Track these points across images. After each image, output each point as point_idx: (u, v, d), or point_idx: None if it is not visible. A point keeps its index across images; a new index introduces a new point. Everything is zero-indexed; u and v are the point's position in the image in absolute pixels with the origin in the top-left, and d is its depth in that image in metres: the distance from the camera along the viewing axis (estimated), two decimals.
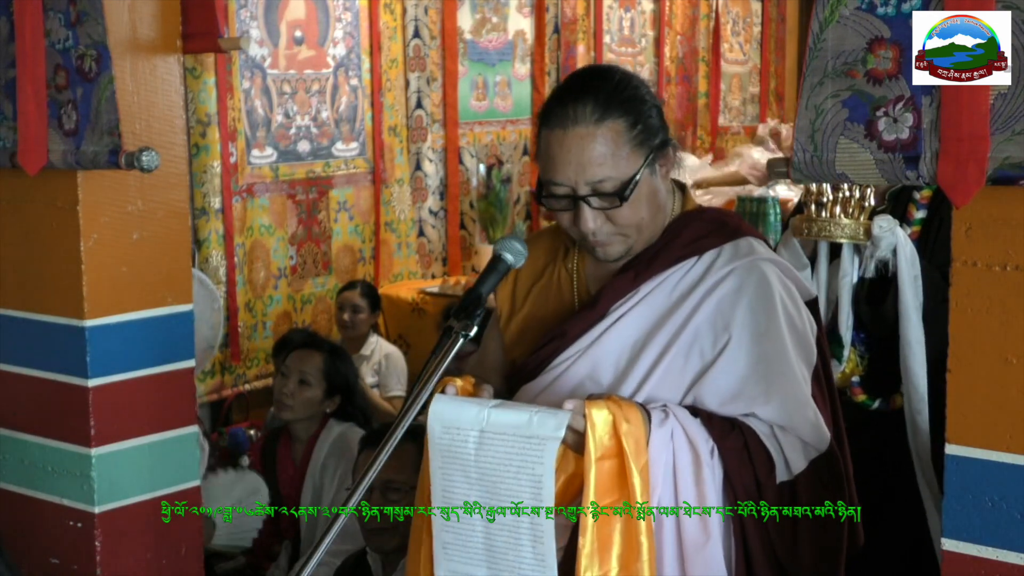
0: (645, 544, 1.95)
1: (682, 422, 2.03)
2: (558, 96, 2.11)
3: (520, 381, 2.20)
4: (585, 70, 2.24)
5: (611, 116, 2.05)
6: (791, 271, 2.19)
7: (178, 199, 2.97)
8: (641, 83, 2.14)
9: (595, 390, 2.10)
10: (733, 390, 2.07)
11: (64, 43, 2.75)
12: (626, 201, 2.05)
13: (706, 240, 2.15)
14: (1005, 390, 1.90)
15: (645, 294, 2.13)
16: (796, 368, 2.10)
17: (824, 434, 2.12)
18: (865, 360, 2.94)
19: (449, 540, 2.00)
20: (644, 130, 2.08)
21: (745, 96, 9.03)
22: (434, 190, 6.58)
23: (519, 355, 2.25)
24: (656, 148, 2.10)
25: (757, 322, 2.08)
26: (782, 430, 2.08)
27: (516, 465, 1.91)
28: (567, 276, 2.25)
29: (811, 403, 2.11)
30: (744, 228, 2.20)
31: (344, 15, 5.96)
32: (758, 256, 2.13)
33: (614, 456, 1.96)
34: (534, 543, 1.92)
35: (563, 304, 2.23)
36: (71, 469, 2.88)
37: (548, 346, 2.17)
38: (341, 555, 3.40)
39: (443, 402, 1.97)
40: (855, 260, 2.84)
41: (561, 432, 1.89)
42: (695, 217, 2.20)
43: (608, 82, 2.10)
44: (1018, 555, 1.91)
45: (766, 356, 2.07)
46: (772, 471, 2.07)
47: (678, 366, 2.09)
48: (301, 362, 4.16)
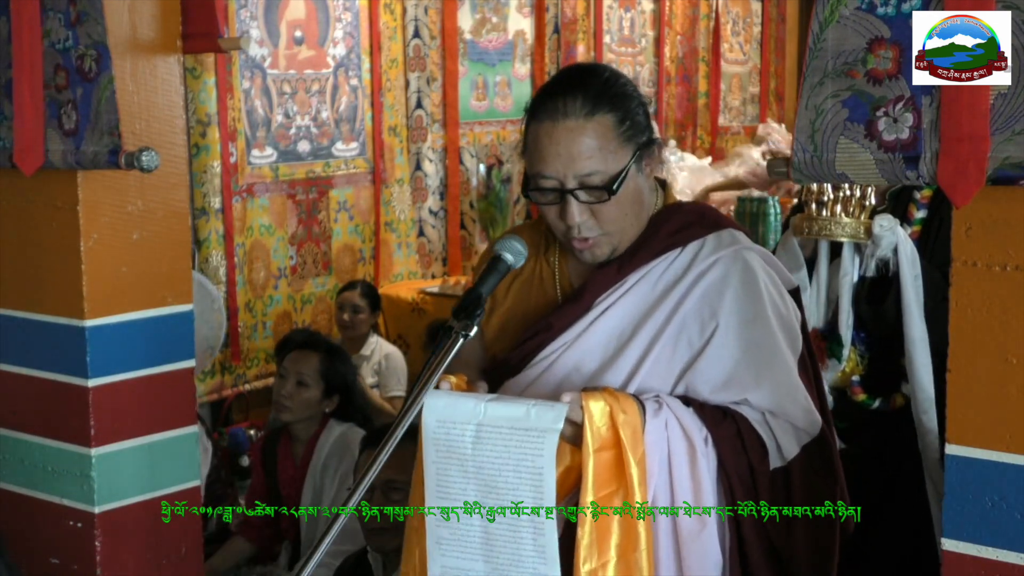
0: (643, 534, 1.97)
1: (676, 412, 2.05)
2: (547, 90, 2.12)
3: (503, 375, 2.19)
4: (573, 67, 2.27)
5: (600, 111, 2.06)
6: (772, 259, 2.22)
7: (178, 199, 2.97)
8: (629, 81, 2.17)
9: (582, 383, 2.11)
10: (724, 377, 2.09)
11: (64, 43, 2.75)
12: (614, 195, 2.06)
13: (689, 231, 2.17)
14: (1005, 390, 1.90)
15: (630, 285, 2.15)
16: (785, 354, 2.13)
17: (815, 418, 2.15)
18: (865, 359, 2.94)
19: (445, 535, 1.99)
20: (632, 126, 2.10)
21: (745, 96, 9.03)
22: (434, 190, 6.59)
23: (500, 350, 2.25)
24: (643, 145, 2.12)
25: (744, 310, 2.10)
26: (773, 416, 2.11)
27: (515, 459, 1.92)
28: (548, 270, 2.25)
29: (801, 388, 2.13)
30: (724, 220, 2.23)
31: (344, 15, 5.96)
32: (741, 245, 2.16)
33: (612, 447, 1.97)
34: (535, 535, 1.92)
35: (546, 298, 2.24)
36: (71, 469, 2.88)
37: (533, 340, 2.17)
38: (341, 556, 3.40)
39: (438, 397, 1.97)
40: (855, 259, 2.84)
41: (560, 424, 1.90)
42: (676, 210, 2.23)
43: (597, 78, 2.11)
44: (1018, 555, 1.91)
45: (755, 342, 2.10)
46: (765, 457, 2.09)
47: (666, 356, 2.11)
48: (298, 363, 4.15)
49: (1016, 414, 1.90)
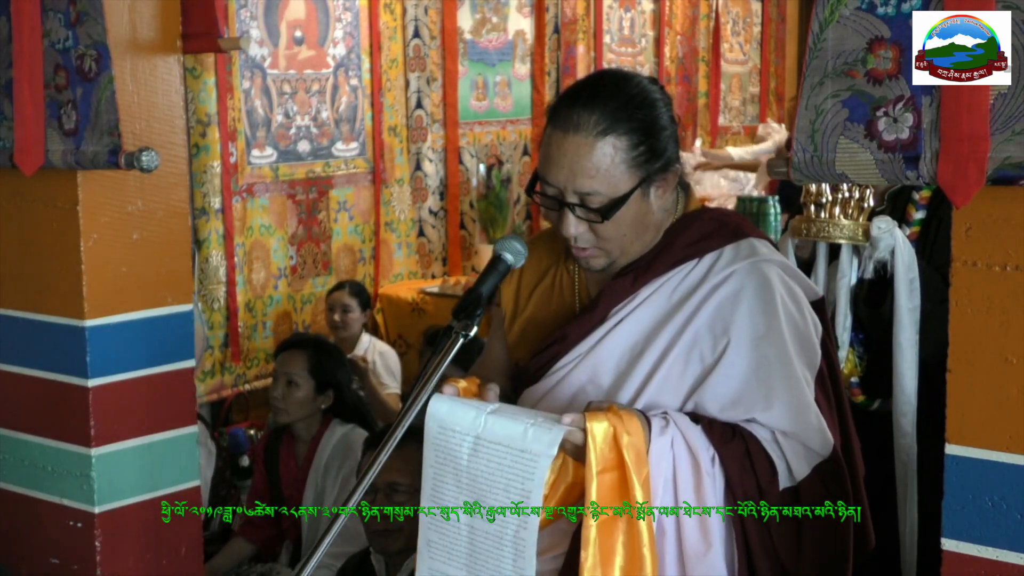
0: (648, 556, 1.93)
1: (683, 430, 2.01)
2: (570, 97, 2.06)
3: (524, 384, 2.18)
4: (605, 73, 2.18)
5: (615, 131, 2.00)
6: (794, 271, 2.16)
7: (178, 199, 2.97)
8: (660, 102, 2.07)
9: (596, 395, 2.08)
10: (733, 395, 2.04)
11: (64, 43, 2.75)
12: (608, 220, 2.02)
13: (706, 242, 2.12)
14: (1005, 390, 1.90)
15: (645, 297, 2.10)
16: (798, 372, 2.06)
17: (828, 439, 2.08)
18: (864, 361, 2.94)
19: (434, 539, 1.98)
20: (647, 151, 2.03)
21: (745, 96, 9.03)
22: (434, 190, 6.58)
23: (521, 356, 2.23)
24: (655, 171, 2.05)
25: (756, 325, 2.05)
26: (784, 435, 2.05)
27: (506, 477, 1.89)
28: (568, 278, 2.23)
29: (814, 407, 2.07)
30: (745, 228, 2.16)
31: (344, 15, 5.96)
32: (759, 257, 2.10)
33: (615, 468, 1.93)
34: (515, 556, 1.89)
35: (564, 306, 2.22)
36: (71, 469, 2.88)
37: (549, 350, 2.15)
38: (342, 557, 3.40)
39: (441, 402, 1.95)
40: (854, 261, 2.83)
41: (554, 450, 1.86)
42: (695, 218, 2.17)
43: (622, 94, 2.03)
44: (1018, 555, 1.91)
45: (766, 360, 2.04)
46: (774, 478, 2.04)
47: (677, 371, 2.06)
48: (286, 364, 4.15)
49: (1016, 414, 1.90)
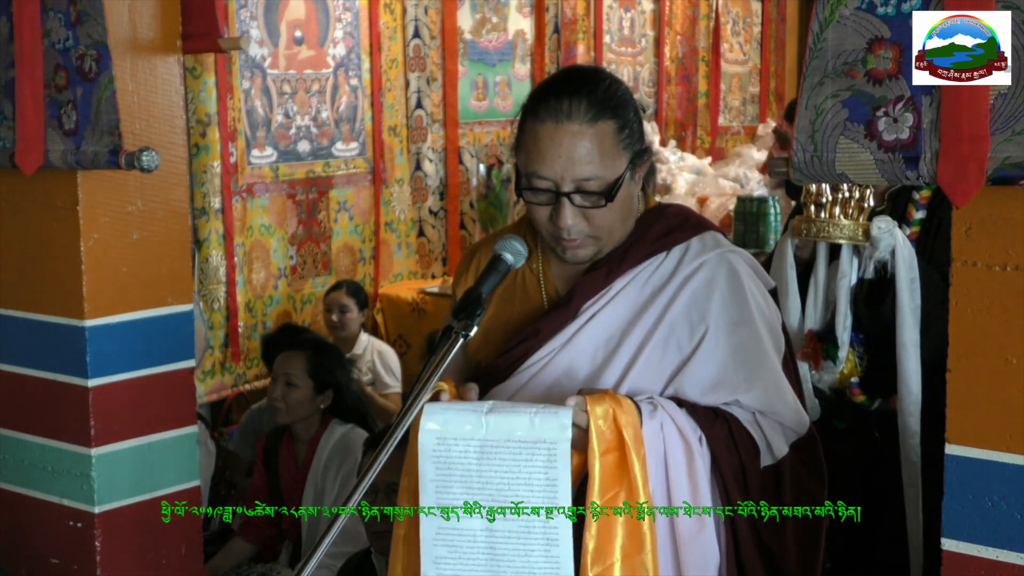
0: (648, 535, 1.97)
1: (670, 413, 2.06)
2: (551, 90, 2.11)
3: (490, 382, 2.18)
4: (573, 68, 2.25)
5: (604, 117, 2.07)
6: (754, 261, 2.24)
7: (178, 199, 2.97)
8: (627, 89, 2.18)
9: (572, 387, 2.10)
10: (714, 379, 2.10)
11: (64, 43, 2.75)
12: (612, 201, 2.07)
13: (673, 236, 2.18)
14: (1005, 390, 1.91)
15: (618, 290, 2.15)
16: (771, 354, 2.15)
17: (803, 417, 2.18)
18: (864, 361, 2.93)
19: (443, 554, 1.96)
20: (630, 135, 2.11)
21: (745, 96, 9.03)
22: (434, 190, 6.59)
23: (485, 357, 2.24)
24: (638, 154, 2.13)
25: (731, 312, 2.12)
26: (763, 416, 2.13)
27: (527, 472, 1.90)
28: (532, 276, 2.25)
29: (789, 387, 2.16)
30: (706, 222, 2.26)
31: (344, 15, 5.96)
32: (725, 248, 2.18)
33: (616, 449, 1.98)
34: (547, 546, 1.91)
35: (530, 304, 2.23)
36: (71, 469, 2.88)
37: (520, 346, 2.17)
38: (342, 557, 3.40)
39: (435, 413, 1.94)
40: (854, 261, 2.83)
41: (568, 432, 1.90)
42: (659, 214, 2.24)
43: (601, 83, 2.11)
44: (1018, 555, 1.91)
45: (743, 344, 2.11)
46: (757, 456, 2.11)
47: (656, 359, 2.11)
48: (284, 364, 4.16)
49: (1016, 414, 1.90)
